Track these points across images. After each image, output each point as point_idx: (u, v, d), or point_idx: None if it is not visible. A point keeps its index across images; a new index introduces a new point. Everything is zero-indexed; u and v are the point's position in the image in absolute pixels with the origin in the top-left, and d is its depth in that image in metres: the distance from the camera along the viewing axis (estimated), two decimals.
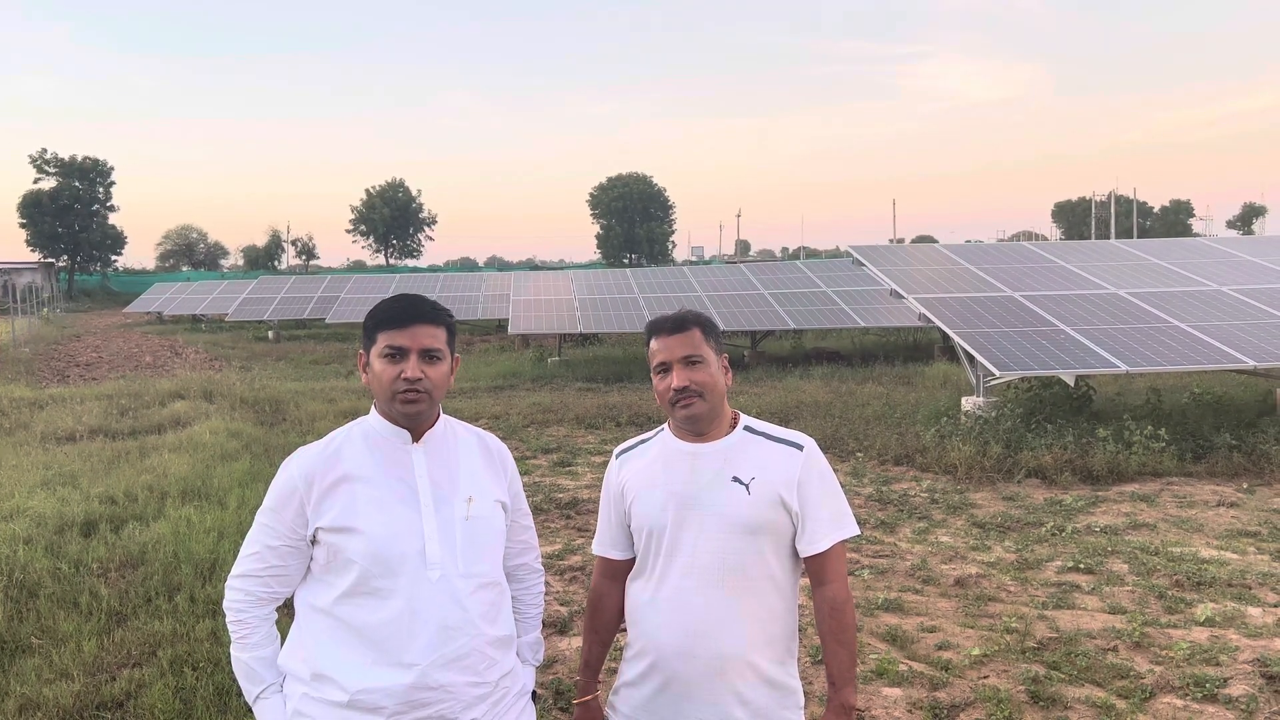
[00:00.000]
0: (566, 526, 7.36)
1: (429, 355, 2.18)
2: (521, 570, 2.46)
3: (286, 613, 2.27)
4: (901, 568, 6.17)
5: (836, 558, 2.32)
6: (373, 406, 2.28)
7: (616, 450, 2.52)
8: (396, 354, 2.17)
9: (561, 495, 8.22)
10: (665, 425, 2.45)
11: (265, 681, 2.20)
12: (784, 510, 2.29)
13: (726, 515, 2.27)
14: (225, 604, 2.24)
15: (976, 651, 4.73)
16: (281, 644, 2.26)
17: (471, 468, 2.29)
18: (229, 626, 2.23)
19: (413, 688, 2.09)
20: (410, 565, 2.13)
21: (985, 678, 4.46)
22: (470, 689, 2.15)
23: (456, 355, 2.30)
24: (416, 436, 2.24)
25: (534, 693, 2.41)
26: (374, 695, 2.08)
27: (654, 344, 2.36)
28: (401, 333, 2.17)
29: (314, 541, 2.18)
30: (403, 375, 2.15)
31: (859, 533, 2.41)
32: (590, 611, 2.52)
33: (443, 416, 2.31)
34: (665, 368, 2.33)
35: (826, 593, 2.31)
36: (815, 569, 2.32)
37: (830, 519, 2.31)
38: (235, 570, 2.24)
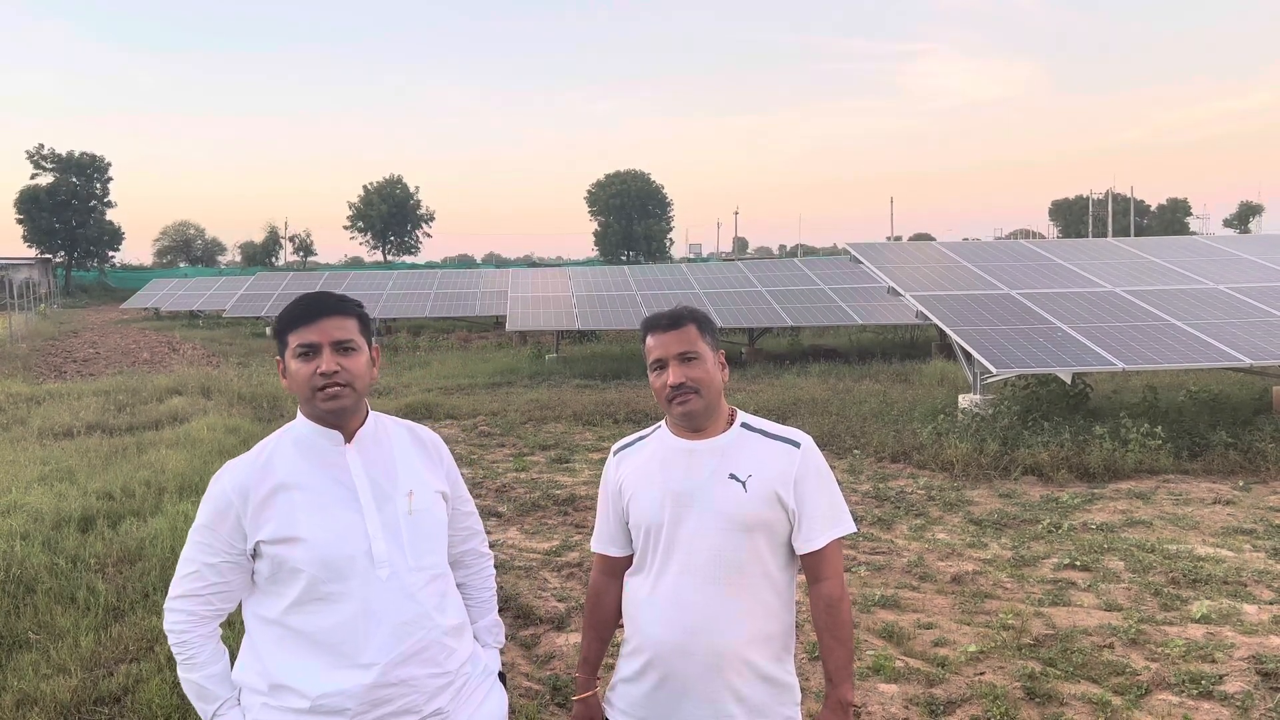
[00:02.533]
0: (564, 523, 7.36)
1: (341, 347, 2.15)
2: (469, 556, 2.45)
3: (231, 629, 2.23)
4: (898, 564, 6.18)
5: (833, 555, 2.32)
6: (298, 411, 2.25)
7: (614, 448, 2.51)
8: (309, 351, 2.15)
9: (559, 492, 8.22)
10: (663, 422, 2.45)
11: (220, 698, 2.15)
12: (780, 508, 2.29)
13: (723, 512, 2.26)
14: (166, 626, 2.18)
15: (973, 648, 4.74)
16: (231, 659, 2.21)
17: (408, 462, 2.27)
18: (173, 649, 2.17)
19: (374, 686, 2.08)
20: (359, 566, 2.11)
21: (981, 674, 4.47)
22: (431, 680, 2.15)
23: (375, 345, 2.27)
24: (348, 436, 2.21)
25: (501, 673, 2.42)
26: (336, 698, 2.07)
27: (650, 340, 2.36)
28: (309, 329, 2.15)
29: (255, 555, 2.14)
30: (318, 371, 2.13)
31: (855, 530, 2.41)
32: (589, 608, 2.52)
33: (371, 413, 2.28)
34: (662, 364, 2.33)
35: (823, 589, 2.32)
36: (811, 566, 2.33)
37: (826, 516, 2.31)
38: (173, 591, 2.18)
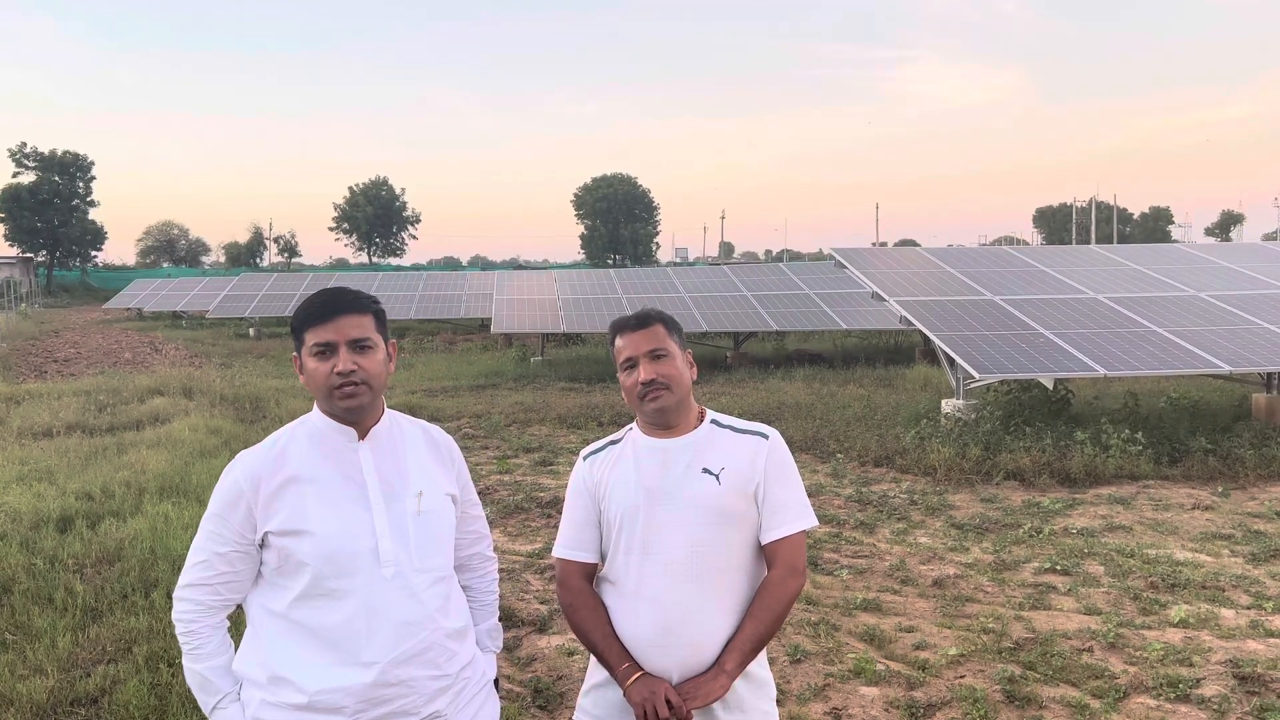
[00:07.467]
0: (547, 525, 7.35)
1: (359, 345, 2.15)
2: (475, 559, 2.45)
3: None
4: (880, 568, 6.20)
5: (791, 547, 2.33)
6: (314, 405, 2.24)
7: (583, 453, 2.50)
8: (326, 349, 2.13)
9: (543, 494, 8.21)
10: (633, 424, 2.46)
11: (221, 691, 2.15)
12: (752, 499, 2.33)
13: (699, 506, 2.29)
14: (175, 615, 2.17)
15: (953, 651, 4.76)
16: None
17: (420, 462, 2.26)
18: (180, 638, 2.17)
19: (373, 685, 2.07)
20: (364, 564, 2.10)
21: (962, 677, 4.49)
22: (431, 682, 2.15)
23: (392, 341, 2.26)
24: (362, 433, 2.20)
25: (495, 680, 2.40)
26: (334, 695, 2.06)
27: (619, 341, 2.39)
28: (325, 327, 2.13)
29: (263, 545, 2.13)
30: (335, 370, 2.12)
31: (817, 524, 2.43)
32: (583, 611, 2.37)
33: (387, 411, 2.27)
34: (632, 363, 2.35)
35: (772, 574, 2.33)
36: (769, 555, 2.34)
37: (789, 508, 2.34)
38: (183, 580, 2.17)
